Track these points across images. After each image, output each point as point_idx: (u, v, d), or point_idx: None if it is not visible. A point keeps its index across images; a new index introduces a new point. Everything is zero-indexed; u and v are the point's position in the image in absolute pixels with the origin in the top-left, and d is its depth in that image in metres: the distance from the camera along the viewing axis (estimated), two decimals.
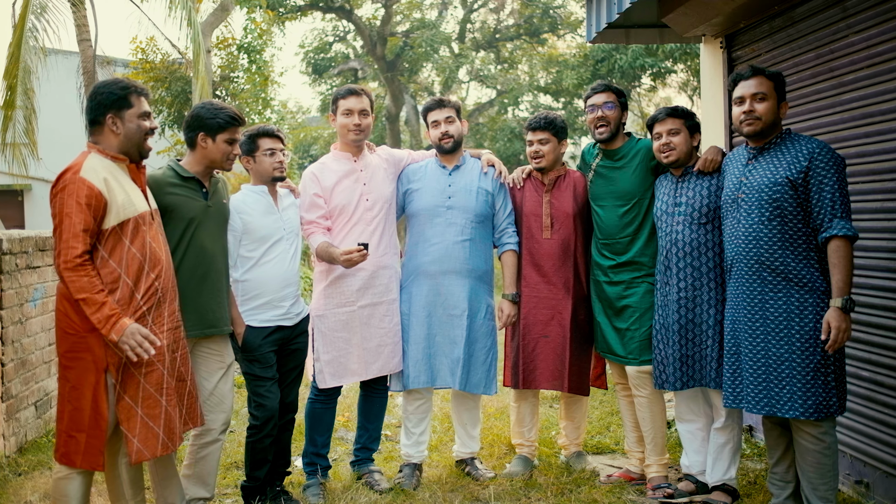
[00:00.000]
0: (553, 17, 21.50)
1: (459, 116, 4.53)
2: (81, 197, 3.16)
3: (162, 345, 3.34)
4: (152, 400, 3.32)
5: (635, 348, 4.25)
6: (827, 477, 3.55)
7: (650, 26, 5.90)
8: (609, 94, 4.36)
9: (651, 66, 16.55)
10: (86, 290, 3.14)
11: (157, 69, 14.20)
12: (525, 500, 4.18)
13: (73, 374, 3.23)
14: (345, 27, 22.32)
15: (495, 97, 23.16)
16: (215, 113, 3.74)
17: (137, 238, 3.31)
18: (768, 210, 3.58)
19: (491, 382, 4.49)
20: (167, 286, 3.44)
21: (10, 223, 18.92)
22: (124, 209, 3.27)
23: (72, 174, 3.20)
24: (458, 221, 4.43)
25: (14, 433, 4.91)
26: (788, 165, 3.57)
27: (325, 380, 4.29)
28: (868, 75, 4.01)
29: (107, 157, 3.32)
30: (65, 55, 15.46)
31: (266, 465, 4.07)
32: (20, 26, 10.69)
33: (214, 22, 14.46)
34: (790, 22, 4.60)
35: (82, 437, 3.22)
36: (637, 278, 4.28)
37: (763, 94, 3.64)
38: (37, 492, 4.32)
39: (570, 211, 4.47)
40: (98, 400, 3.22)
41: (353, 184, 4.34)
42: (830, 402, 3.49)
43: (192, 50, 11.75)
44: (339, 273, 4.27)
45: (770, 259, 3.58)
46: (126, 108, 3.34)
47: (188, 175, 3.75)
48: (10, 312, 4.87)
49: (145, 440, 3.30)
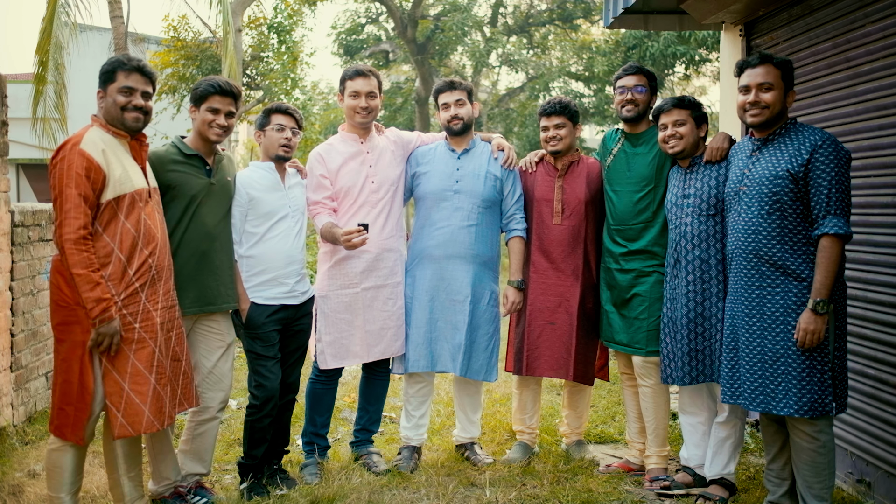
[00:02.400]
0: (586, 3, 21.26)
1: (471, 99, 4.49)
2: (81, 168, 3.18)
3: (155, 322, 3.35)
4: (141, 377, 3.31)
5: (642, 338, 4.20)
6: (822, 475, 3.49)
7: (669, 12, 5.80)
8: (640, 77, 4.30)
9: (683, 53, 16.30)
10: (82, 265, 3.15)
11: (189, 47, 14.29)
12: (520, 488, 4.16)
13: (64, 346, 3.26)
14: (377, 9, 22.27)
15: (526, 82, 22.98)
16: (201, 83, 3.80)
17: (133, 214, 3.31)
18: (768, 204, 3.51)
19: (492, 369, 4.47)
20: (162, 264, 3.44)
21: (42, 196, 19.21)
22: (121, 184, 3.28)
23: (71, 145, 3.21)
24: (465, 206, 4.39)
25: (23, 402, 5.00)
26: (790, 158, 3.48)
27: (325, 360, 4.30)
28: (884, 66, 3.91)
29: (108, 132, 3.35)
30: (98, 31, 15.64)
31: (264, 445, 4.09)
32: (53, 2, 10.80)
33: (246, 1, 14.50)
34: (808, 10, 4.49)
35: (71, 410, 3.25)
36: (648, 267, 4.22)
37: (770, 84, 3.54)
38: (41, 461, 4.39)
39: (582, 197, 4.42)
40: (84, 373, 3.24)
41: (359, 166, 4.32)
42: (826, 401, 3.41)
43: (222, 29, 11.81)
44: (343, 255, 4.27)
45: (769, 253, 3.51)
46: (110, 83, 3.39)
47: (191, 152, 3.77)
48: (21, 284, 4.95)
49: (131, 416, 3.29)
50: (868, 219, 4.03)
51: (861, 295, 4.07)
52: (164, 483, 3.80)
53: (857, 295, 4.09)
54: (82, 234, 3.16)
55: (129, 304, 3.29)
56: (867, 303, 4.03)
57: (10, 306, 4.82)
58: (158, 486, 3.80)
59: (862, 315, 4.06)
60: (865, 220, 4.05)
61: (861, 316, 4.07)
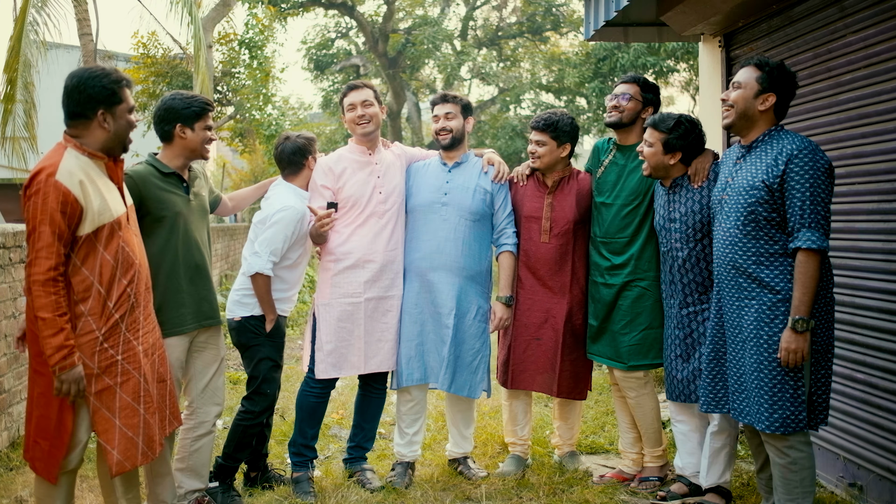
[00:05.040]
0: (555, 15, 21.46)
1: (466, 114, 4.47)
2: (56, 203, 2.95)
3: (137, 351, 3.22)
4: (129, 410, 3.18)
5: (624, 352, 4.23)
6: (794, 493, 3.38)
7: (649, 24, 5.88)
8: (631, 86, 4.30)
9: (653, 64, 16.48)
10: (48, 309, 2.96)
11: (159, 64, 14.23)
12: (517, 500, 4.16)
13: (43, 380, 3.08)
14: (347, 23, 22.29)
15: (497, 95, 23.11)
16: (189, 102, 3.73)
17: (112, 243, 3.13)
18: (744, 214, 3.42)
19: (477, 386, 4.39)
20: (140, 290, 3.27)
21: (10, 217, 18.89)
22: (100, 216, 3.08)
23: (46, 176, 2.97)
24: (452, 219, 4.38)
25: (6, 428, 4.90)
26: (767, 168, 3.37)
27: (324, 370, 4.27)
28: (865, 75, 3.99)
29: (84, 154, 3.11)
30: (66, 49, 15.50)
31: (248, 449, 4.22)
32: (21, 20, 10.68)
33: (216, 17, 14.46)
34: (788, 21, 4.57)
35: (46, 445, 3.11)
36: (631, 282, 4.23)
37: (739, 83, 3.45)
38: (28, 486, 4.31)
39: (570, 217, 4.40)
40: (63, 411, 3.08)
41: (368, 176, 4.33)
42: (799, 417, 3.29)
43: (192, 45, 11.75)
44: (348, 263, 4.27)
45: (745, 265, 3.43)
46: (117, 104, 3.15)
47: (168, 171, 3.72)
48: (2, 306, 4.86)
49: (125, 451, 3.17)
50: (853, 225, 4.10)
51: (849, 301, 4.13)
52: None
53: (845, 301, 4.14)
54: (52, 275, 2.97)
55: (109, 337, 3.14)
56: (855, 308, 4.09)
57: None
58: None
59: (850, 320, 4.12)
60: (851, 227, 4.11)
61: (849, 321, 4.13)
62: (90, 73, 3.13)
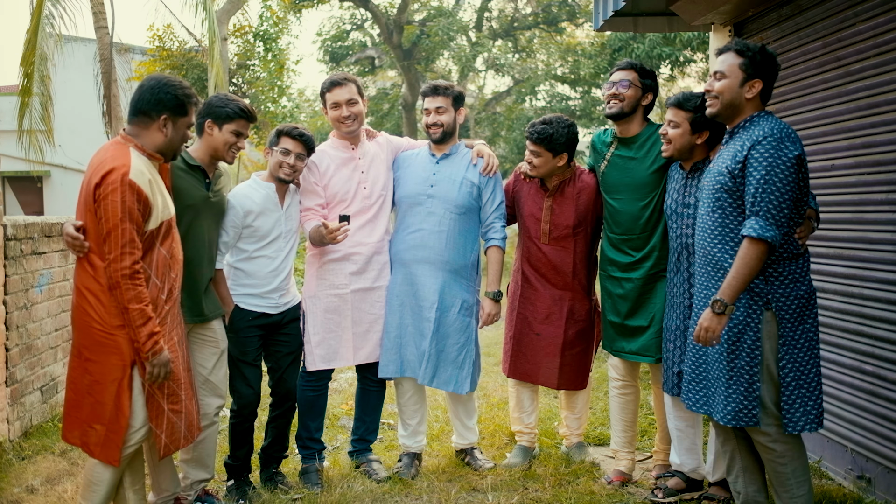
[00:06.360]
0: (571, 6, 21.33)
1: (457, 105, 4.40)
2: (133, 202, 3.15)
3: (175, 341, 3.40)
4: (174, 396, 3.39)
5: (653, 345, 4.12)
6: (788, 485, 3.32)
7: (659, 14, 5.83)
8: (629, 73, 4.10)
9: (668, 55, 16.35)
10: (137, 300, 3.17)
11: (174, 57, 14.26)
12: (523, 491, 4.16)
13: (96, 367, 3.23)
14: (362, 15, 22.27)
15: (512, 86, 23.03)
16: (226, 102, 3.81)
17: (167, 240, 3.36)
18: (711, 201, 3.35)
19: (464, 381, 4.33)
20: (181, 283, 3.51)
21: (29, 209, 19.11)
22: (162, 213, 3.31)
23: (120, 175, 3.13)
24: (438, 211, 4.33)
25: (19, 417, 4.96)
26: (734, 154, 3.26)
27: (314, 362, 4.28)
28: (875, 64, 3.94)
29: (143, 154, 3.31)
30: (82, 42, 15.56)
31: (245, 447, 4.19)
32: (37, 13, 10.76)
33: (231, 10, 14.48)
34: (798, 10, 4.53)
35: (101, 430, 3.26)
36: (655, 273, 4.12)
37: (722, 73, 3.30)
38: (39, 476, 4.37)
39: (570, 222, 4.34)
40: (121, 396, 3.24)
41: (352, 172, 4.32)
42: (753, 413, 3.23)
43: (207, 38, 11.79)
44: (334, 256, 4.27)
45: (711, 252, 3.37)
46: (181, 116, 3.37)
47: (194, 163, 3.79)
48: (14, 298, 4.91)
49: (171, 435, 3.39)
50: (862, 216, 4.06)
51: (857, 292, 4.09)
52: (164, 495, 3.78)
53: (854, 292, 4.11)
54: (136, 268, 3.17)
55: (161, 327, 3.32)
56: (864, 299, 4.05)
57: (4, 320, 4.78)
58: (158, 497, 3.79)
59: (859, 312, 4.09)
60: (860, 218, 4.07)
61: (858, 313, 4.09)
62: (168, 80, 3.38)
